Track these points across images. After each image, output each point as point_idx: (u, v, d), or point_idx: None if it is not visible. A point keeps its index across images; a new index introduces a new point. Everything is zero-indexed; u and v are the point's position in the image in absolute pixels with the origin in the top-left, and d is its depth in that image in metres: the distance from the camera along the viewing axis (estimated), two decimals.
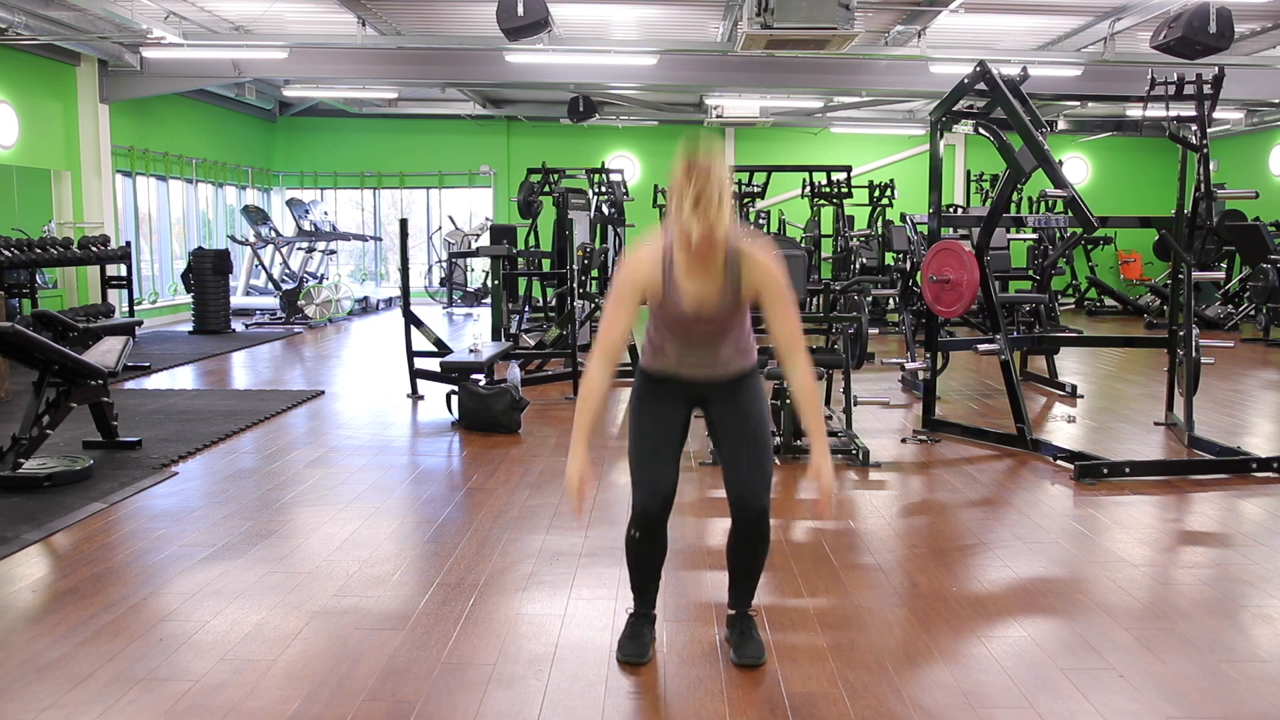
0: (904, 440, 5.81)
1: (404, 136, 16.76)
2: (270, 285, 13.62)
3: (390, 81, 13.04)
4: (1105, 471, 4.91)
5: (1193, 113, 5.78)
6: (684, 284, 2.57)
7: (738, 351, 2.72)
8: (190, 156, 13.88)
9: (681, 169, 2.45)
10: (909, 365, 6.45)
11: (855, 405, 5.77)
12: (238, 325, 12.22)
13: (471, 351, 6.71)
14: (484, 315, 13.61)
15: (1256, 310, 11.44)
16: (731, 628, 2.87)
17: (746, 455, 2.71)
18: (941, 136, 5.95)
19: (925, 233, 6.64)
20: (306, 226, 13.85)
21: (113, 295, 10.53)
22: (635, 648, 2.80)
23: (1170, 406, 6.12)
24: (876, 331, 6.55)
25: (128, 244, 10.37)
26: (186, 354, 9.64)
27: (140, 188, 13.02)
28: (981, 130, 5.79)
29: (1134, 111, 13.79)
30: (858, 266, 12.86)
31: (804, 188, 13.42)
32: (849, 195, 12.42)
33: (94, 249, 9.56)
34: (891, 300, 11.98)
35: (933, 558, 3.76)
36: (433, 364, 6.90)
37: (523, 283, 11.91)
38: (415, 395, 7.21)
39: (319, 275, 14.48)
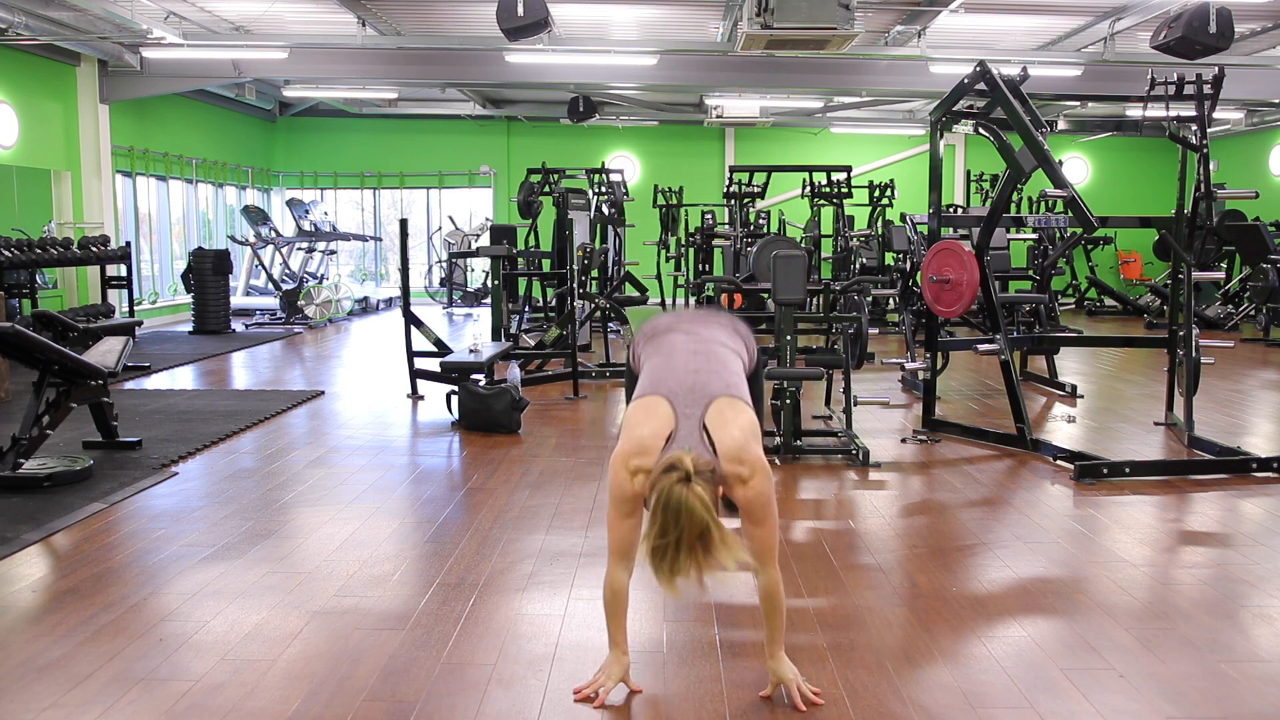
0: (904, 440, 5.81)
1: (404, 136, 16.76)
2: (270, 285, 13.62)
3: (390, 81, 13.05)
4: (1105, 471, 4.91)
5: (1193, 113, 5.78)
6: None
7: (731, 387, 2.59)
8: (190, 156, 13.89)
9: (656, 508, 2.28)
10: (909, 365, 6.45)
11: (855, 405, 5.77)
12: (238, 325, 12.22)
13: (471, 351, 6.71)
14: (484, 315, 13.61)
15: (1256, 310, 11.44)
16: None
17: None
18: (941, 136, 5.95)
19: (925, 233, 6.64)
20: (306, 227, 13.85)
21: (113, 295, 10.53)
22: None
23: (1170, 406, 6.12)
24: (876, 331, 6.56)
25: (128, 244, 10.37)
26: (186, 354, 9.65)
27: (140, 188, 13.03)
28: (981, 130, 5.79)
29: (1134, 111, 13.84)
30: (858, 266, 12.86)
31: (804, 188, 13.41)
32: (849, 195, 12.41)
33: (94, 249, 9.56)
34: (891, 300, 11.98)
35: (933, 558, 3.76)
36: (433, 364, 6.90)
37: (523, 283, 11.91)
38: (415, 395, 7.21)
39: (319, 275, 14.49)
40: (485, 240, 14.39)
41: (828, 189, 12.39)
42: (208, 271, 11.54)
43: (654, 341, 2.77)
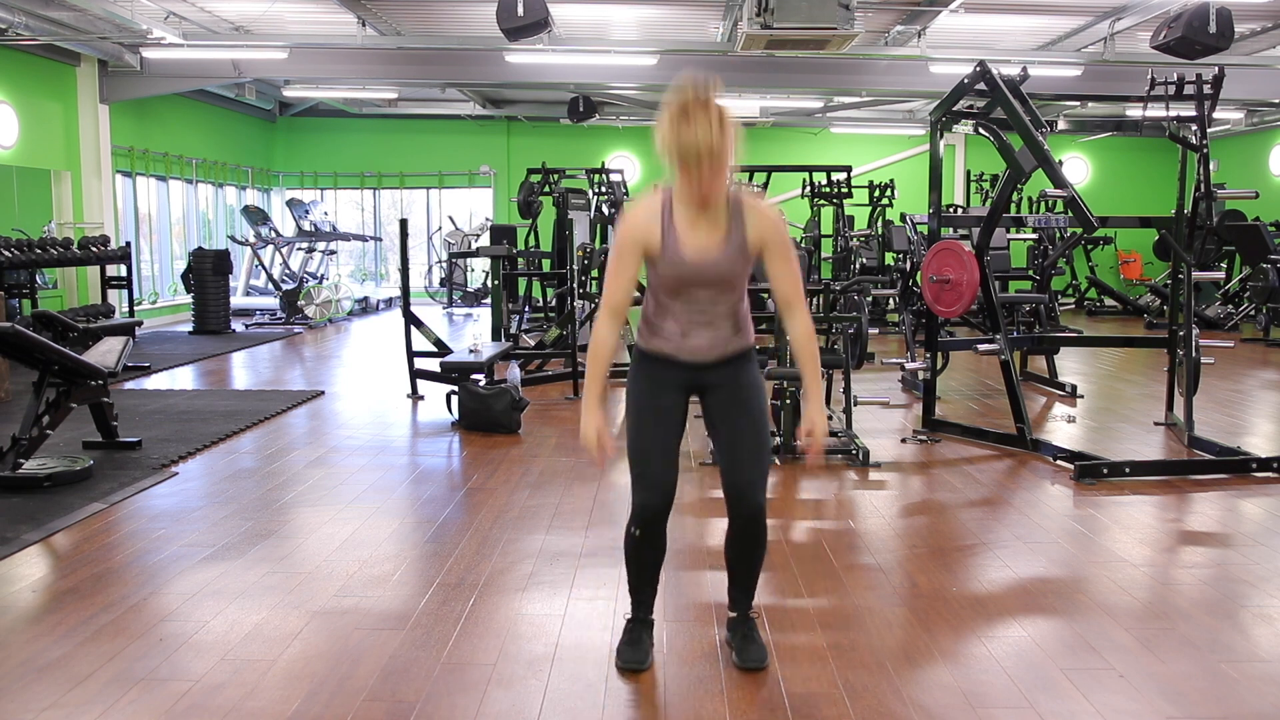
0: (904, 440, 5.81)
1: (404, 136, 16.76)
2: (270, 285, 13.63)
3: (390, 81, 13.05)
4: (1105, 471, 4.91)
5: (1193, 113, 5.78)
6: (686, 236, 2.52)
7: (737, 329, 2.65)
8: (190, 157, 13.89)
9: (677, 108, 2.37)
10: (909, 365, 6.45)
11: (855, 405, 5.77)
12: (238, 325, 12.22)
13: (471, 352, 6.71)
14: (484, 315, 13.61)
15: (1256, 310, 11.44)
16: (733, 631, 2.86)
17: (744, 450, 2.66)
18: (941, 136, 5.95)
19: (925, 233, 6.64)
20: (306, 227, 13.85)
21: (113, 295, 10.54)
22: (635, 654, 2.77)
23: (1170, 406, 6.12)
24: (876, 331, 6.55)
25: (128, 244, 10.38)
26: (186, 354, 9.65)
27: (140, 188, 13.03)
28: (981, 130, 5.79)
29: (1134, 111, 13.80)
30: (858, 266, 12.86)
31: (804, 188, 13.41)
32: (849, 195, 12.41)
33: (94, 249, 9.56)
34: (891, 300, 11.98)
35: (933, 558, 3.76)
36: (433, 364, 6.90)
37: (523, 283, 11.91)
38: (415, 395, 7.21)
39: (319, 275, 14.49)
40: (485, 240, 14.40)
41: (828, 189, 12.39)
42: (208, 271, 11.54)
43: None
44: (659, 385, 2.68)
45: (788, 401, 5.27)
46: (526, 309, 11.25)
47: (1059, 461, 5.22)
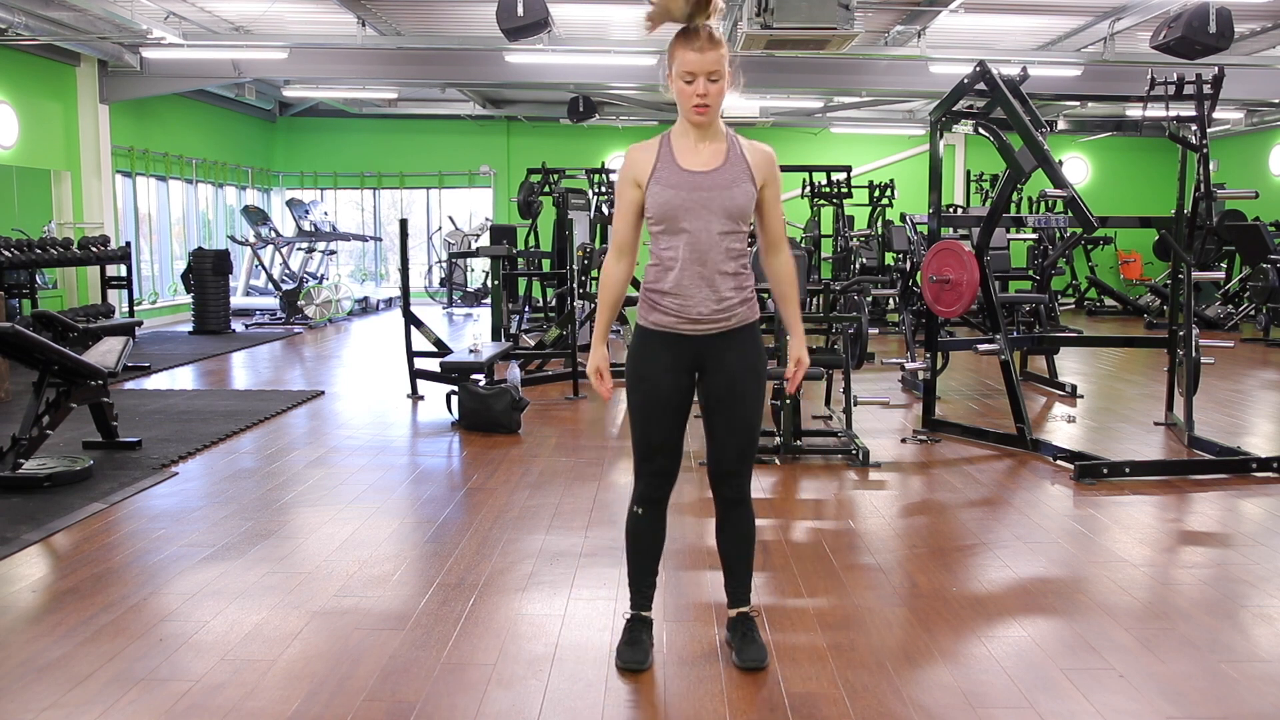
0: (904, 440, 5.81)
1: (404, 136, 16.76)
2: (270, 285, 13.63)
3: (390, 82, 13.05)
4: (1105, 471, 4.91)
5: (1193, 113, 5.78)
6: (685, 159, 2.62)
7: (740, 289, 2.65)
8: (190, 157, 13.89)
9: (679, 30, 2.60)
10: (909, 365, 6.45)
11: (855, 405, 5.77)
12: (238, 325, 12.22)
13: (471, 352, 6.71)
14: (484, 315, 13.61)
15: (1256, 310, 11.44)
16: (733, 630, 2.86)
17: (732, 431, 2.70)
18: (941, 136, 5.95)
19: (925, 233, 6.64)
20: (306, 227, 13.85)
21: (113, 295, 10.54)
22: (635, 654, 2.76)
23: (1170, 406, 6.12)
24: (876, 331, 6.55)
25: (128, 244, 10.38)
26: (186, 354, 9.65)
27: (140, 188, 13.03)
28: (981, 130, 5.79)
29: (1134, 111, 13.80)
30: (858, 266, 12.86)
31: (804, 188, 13.42)
32: (849, 195, 12.42)
33: (94, 249, 9.56)
34: (891, 300, 11.98)
35: (933, 558, 3.76)
36: (433, 364, 6.90)
37: (523, 283, 11.91)
38: (415, 395, 7.21)
39: (319, 275, 14.49)
40: (485, 240, 14.40)
41: (828, 189, 12.40)
42: (208, 271, 11.54)
43: None
44: (661, 357, 2.68)
45: (787, 401, 5.27)
46: (526, 309, 11.25)
47: (1059, 461, 5.22)
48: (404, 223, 7.54)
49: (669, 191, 2.58)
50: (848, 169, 12.28)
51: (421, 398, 7.17)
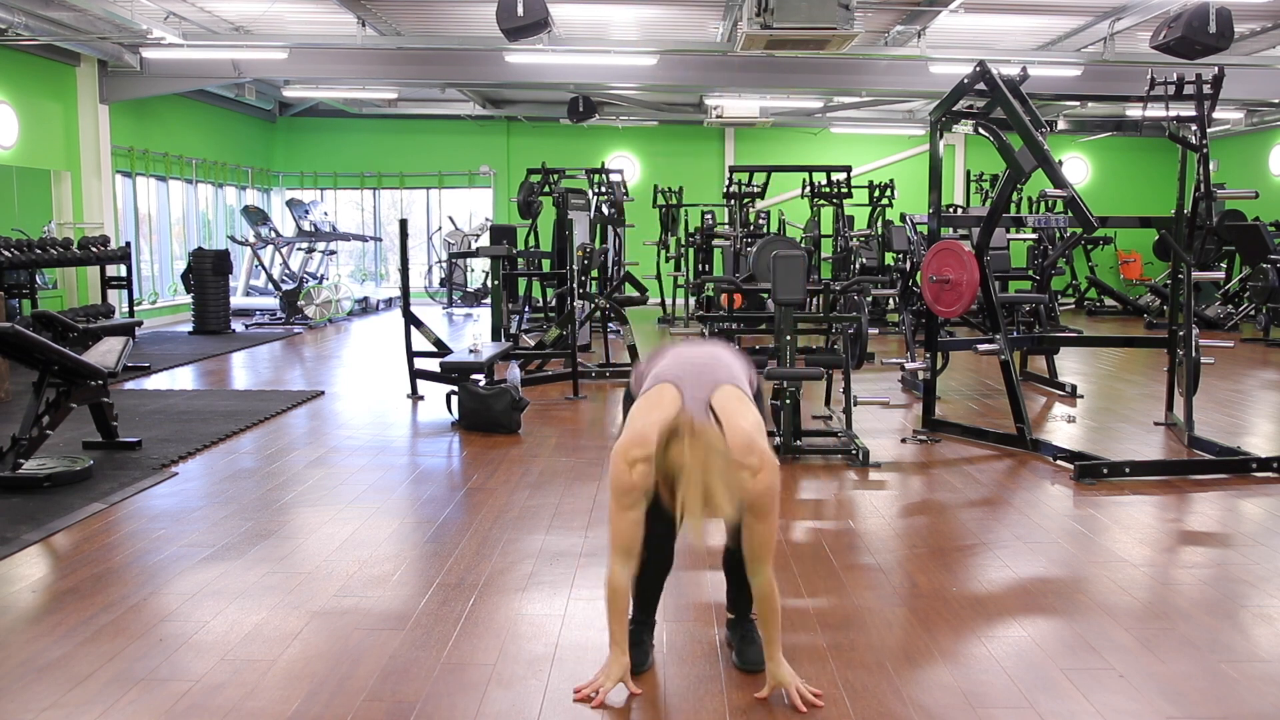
0: (904, 440, 5.81)
1: (404, 137, 16.75)
2: (270, 286, 13.62)
3: (390, 82, 13.04)
4: (1105, 471, 4.91)
5: (1193, 113, 5.78)
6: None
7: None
8: (190, 157, 13.88)
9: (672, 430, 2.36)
10: (909, 365, 6.45)
11: (855, 405, 5.77)
12: (238, 326, 12.22)
13: (471, 352, 6.71)
14: (484, 315, 13.61)
15: (1256, 310, 11.44)
16: (733, 631, 2.86)
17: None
18: (941, 136, 5.95)
19: (925, 233, 6.64)
20: (306, 227, 13.85)
21: (113, 295, 10.53)
22: (635, 655, 2.74)
23: (1170, 406, 6.12)
24: (876, 331, 6.55)
25: (128, 244, 10.38)
26: (186, 354, 9.64)
27: (140, 188, 13.02)
28: (981, 130, 5.78)
29: (1134, 111, 13.83)
30: (858, 266, 12.86)
31: (804, 188, 13.40)
32: (849, 195, 12.41)
33: (94, 249, 9.56)
34: (891, 300, 11.98)
35: (933, 558, 3.76)
36: (433, 364, 6.90)
37: (523, 283, 11.90)
38: (415, 395, 7.21)
39: (319, 275, 14.48)
40: (485, 240, 14.39)
41: (827, 189, 12.38)
42: (208, 272, 11.54)
43: (656, 357, 2.79)
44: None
45: (787, 401, 5.27)
46: (526, 309, 11.24)
47: (1059, 461, 5.22)
48: (404, 223, 7.54)
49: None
50: (848, 169, 12.26)
51: (421, 398, 7.17)
